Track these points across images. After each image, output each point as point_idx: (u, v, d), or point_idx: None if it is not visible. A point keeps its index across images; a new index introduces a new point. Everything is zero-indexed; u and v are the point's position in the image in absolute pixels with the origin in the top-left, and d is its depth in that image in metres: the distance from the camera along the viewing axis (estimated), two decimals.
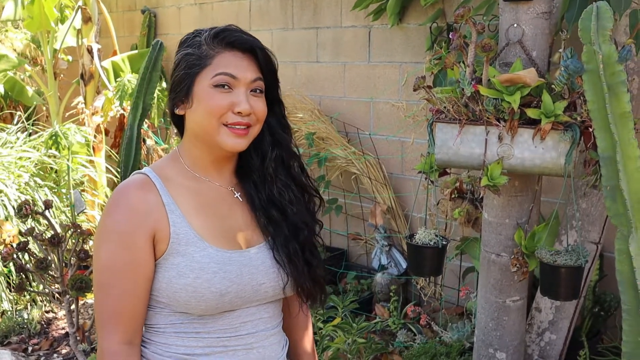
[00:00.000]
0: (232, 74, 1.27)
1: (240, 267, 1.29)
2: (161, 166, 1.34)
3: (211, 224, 1.30)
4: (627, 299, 1.81)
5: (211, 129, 1.27)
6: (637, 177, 1.71)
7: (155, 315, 1.30)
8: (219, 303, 1.26)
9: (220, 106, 1.26)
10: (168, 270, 1.26)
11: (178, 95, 1.30)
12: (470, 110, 1.91)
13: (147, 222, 1.25)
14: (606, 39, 1.65)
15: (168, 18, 5.18)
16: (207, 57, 1.28)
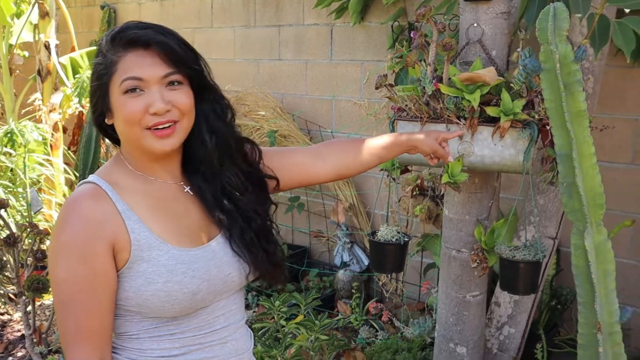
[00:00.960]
0: (137, 77, 1.21)
1: (207, 262, 1.27)
2: (107, 172, 1.29)
3: (169, 225, 1.27)
4: (583, 293, 1.85)
5: (135, 136, 1.24)
6: (592, 174, 1.75)
7: (125, 323, 1.27)
8: (192, 302, 1.24)
9: (134, 112, 1.21)
10: (134, 278, 1.22)
11: (98, 106, 1.26)
12: (431, 108, 1.93)
13: (103, 232, 1.20)
14: (563, 39, 1.69)
15: (128, 14, 5.10)
16: (112, 63, 1.22)
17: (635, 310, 2.86)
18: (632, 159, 2.82)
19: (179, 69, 1.24)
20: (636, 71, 2.75)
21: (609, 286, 1.81)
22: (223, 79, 4.45)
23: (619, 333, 1.82)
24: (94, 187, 1.24)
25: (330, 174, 1.53)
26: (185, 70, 1.25)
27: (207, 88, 1.32)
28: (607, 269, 1.80)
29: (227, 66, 4.40)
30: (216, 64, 4.48)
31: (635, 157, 2.81)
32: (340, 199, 3.64)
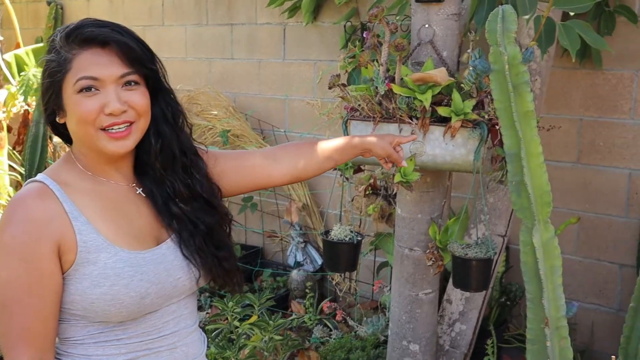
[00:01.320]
0: (93, 76, 1.17)
1: (156, 266, 1.24)
2: (57, 171, 1.25)
3: (119, 227, 1.24)
4: (531, 289, 1.89)
5: (88, 136, 1.20)
6: (540, 173, 1.79)
7: (70, 328, 1.23)
8: (140, 307, 1.22)
9: (89, 112, 1.18)
10: (80, 281, 1.18)
11: (50, 105, 1.22)
12: (383, 108, 1.95)
13: (49, 232, 1.16)
14: (511, 40, 1.72)
15: (76, 10, 4.99)
16: (65, 61, 1.18)
17: (581, 305, 2.94)
18: (578, 158, 2.90)
19: (136, 69, 1.22)
20: (580, 72, 2.83)
21: (556, 282, 1.85)
22: (175, 78, 4.38)
23: (565, 327, 1.87)
24: (40, 186, 1.20)
25: (285, 177, 1.52)
26: (142, 70, 1.23)
27: (161, 90, 1.30)
28: (554, 265, 1.85)
29: (179, 65, 4.35)
30: (168, 62, 4.40)
31: (581, 156, 2.89)
32: (293, 199, 3.64)
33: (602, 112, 2.81)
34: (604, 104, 2.80)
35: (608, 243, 2.88)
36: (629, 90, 2.73)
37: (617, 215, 2.84)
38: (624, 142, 2.77)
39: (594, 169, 2.87)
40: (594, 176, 2.87)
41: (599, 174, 2.86)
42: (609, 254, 2.89)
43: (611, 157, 2.82)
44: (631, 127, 2.75)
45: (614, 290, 2.90)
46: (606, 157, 2.83)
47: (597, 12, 2.66)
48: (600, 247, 2.91)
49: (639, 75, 2.71)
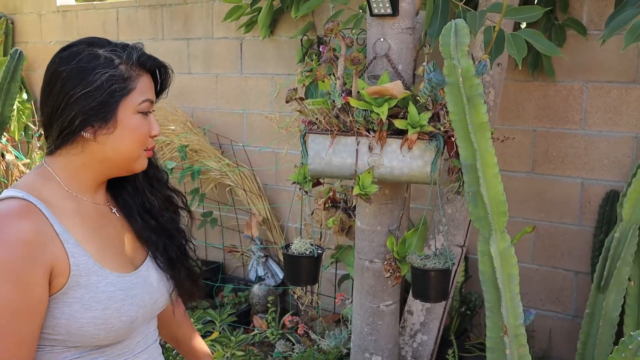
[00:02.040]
0: (152, 100, 1.26)
1: (142, 288, 1.26)
2: (36, 188, 1.19)
3: (105, 249, 1.23)
4: (490, 298, 1.91)
5: (134, 155, 1.25)
6: (495, 183, 1.82)
7: (44, 355, 1.17)
8: (128, 330, 1.22)
9: (146, 133, 1.24)
10: (69, 305, 1.15)
11: (92, 119, 1.18)
12: (341, 121, 1.96)
13: (43, 256, 1.11)
14: (464, 54, 1.75)
15: (27, 25, 4.90)
16: (130, 79, 1.21)
17: (538, 312, 2.99)
18: (532, 168, 2.96)
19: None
20: (533, 84, 2.90)
21: (513, 290, 1.88)
22: None
23: (523, 335, 1.89)
24: (26, 204, 1.14)
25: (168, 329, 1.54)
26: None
27: None
28: (511, 274, 1.87)
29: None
30: None
31: (535, 166, 2.95)
32: (253, 213, 3.62)
33: (555, 123, 2.88)
34: (556, 115, 2.87)
35: (563, 251, 2.94)
36: (579, 101, 2.81)
37: (571, 223, 2.91)
38: (576, 152, 2.85)
39: (547, 179, 2.93)
40: (548, 186, 2.94)
41: (552, 183, 2.92)
42: (564, 262, 2.95)
43: (564, 166, 2.89)
44: (582, 137, 2.82)
45: (569, 297, 2.96)
46: (559, 166, 2.90)
47: (548, 25, 2.73)
48: (556, 255, 2.97)
49: (588, 87, 2.78)
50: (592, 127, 2.80)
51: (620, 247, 2.38)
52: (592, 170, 2.82)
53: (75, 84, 1.18)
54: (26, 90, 4.76)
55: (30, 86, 4.89)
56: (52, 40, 4.75)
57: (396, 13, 1.98)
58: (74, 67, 1.18)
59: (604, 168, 2.80)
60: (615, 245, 2.40)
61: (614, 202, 2.72)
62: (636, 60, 2.67)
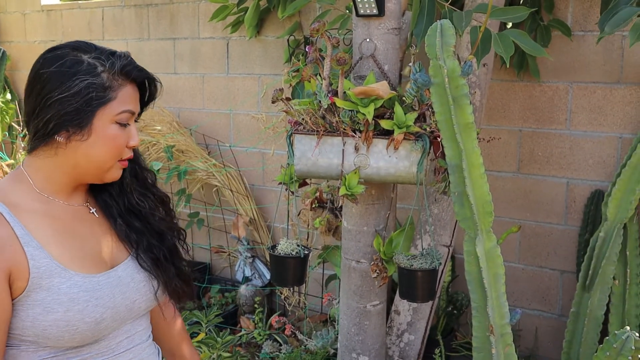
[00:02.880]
0: (132, 111, 1.24)
1: (112, 289, 1.24)
2: (4, 191, 1.20)
3: (73, 250, 1.22)
4: (476, 297, 1.92)
5: (107, 165, 1.24)
6: (481, 183, 1.83)
7: (20, 354, 1.18)
8: (94, 332, 1.20)
9: (121, 144, 1.24)
10: (32, 307, 1.15)
11: (67, 124, 1.18)
12: (327, 121, 1.96)
13: (1, 260, 1.12)
14: (450, 54, 1.76)
15: (11, 24, 4.85)
16: (110, 89, 1.20)
17: (524, 311, 3.01)
18: (518, 168, 2.97)
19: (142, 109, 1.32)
20: (519, 85, 2.91)
21: (499, 290, 1.89)
22: None
23: (509, 334, 1.90)
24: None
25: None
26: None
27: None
28: (497, 274, 1.88)
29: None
30: None
31: (521, 166, 2.97)
32: (240, 213, 3.61)
33: (540, 123, 2.89)
34: (542, 115, 2.88)
35: (549, 250, 2.96)
36: (564, 101, 2.83)
37: (556, 223, 2.92)
38: (561, 152, 2.86)
39: (533, 179, 2.95)
40: (533, 185, 2.95)
41: (538, 183, 2.94)
42: (550, 261, 2.97)
43: (549, 166, 2.90)
44: (567, 137, 2.84)
45: (555, 296, 2.98)
46: (545, 166, 2.91)
47: (533, 26, 2.75)
48: (542, 254, 2.98)
49: (573, 87, 2.80)
50: (577, 127, 2.82)
51: (605, 246, 2.40)
52: (577, 170, 2.84)
53: (54, 88, 1.18)
54: (10, 90, 4.72)
55: (14, 86, 4.85)
56: (36, 39, 4.72)
57: (382, 13, 1.98)
58: (55, 71, 1.19)
59: (588, 168, 2.82)
60: (600, 244, 2.42)
61: (598, 201, 2.74)
62: (620, 60, 2.69)
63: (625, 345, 1.66)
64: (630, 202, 2.34)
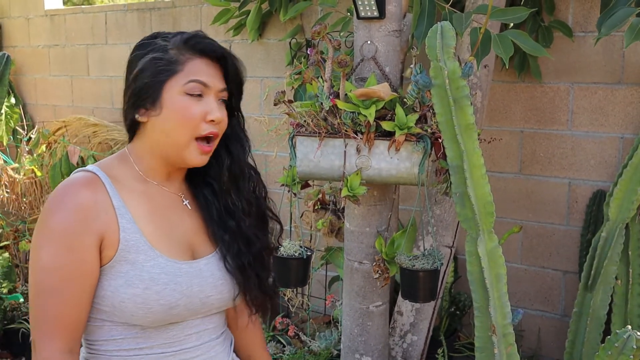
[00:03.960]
0: (204, 82, 1.23)
1: (191, 279, 1.25)
2: (109, 165, 1.26)
3: (162, 232, 1.25)
4: (478, 298, 1.93)
5: (181, 141, 1.24)
6: (482, 184, 1.83)
7: (96, 330, 1.23)
8: (166, 315, 1.22)
9: (194, 115, 1.22)
10: (115, 278, 1.19)
11: (142, 101, 1.24)
12: (329, 123, 1.97)
13: (95, 224, 1.17)
14: (450, 55, 1.77)
15: (15, 29, 4.88)
16: (177, 62, 1.23)
17: (527, 311, 3.01)
18: (520, 169, 2.98)
19: (229, 88, 1.30)
20: (520, 86, 2.92)
21: (501, 290, 1.90)
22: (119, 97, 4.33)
23: (511, 334, 1.91)
24: (91, 176, 1.21)
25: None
26: (234, 90, 1.31)
27: (236, 112, 1.37)
28: (499, 274, 1.89)
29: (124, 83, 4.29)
30: (112, 81, 4.36)
31: (522, 167, 2.97)
32: None
33: (542, 124, 2.90)
34: (543, 116, 2.89)
35: (551, 251, 2.97)
36: (565, 102, 2.83)
37: (559, 223, 2.93)
38: (563, 152, 2.87)
39: (535, 179, 2.95)
40: (535, 186, 2.96)
41: (540, 184, 2.95)
42: (553, 261, 2.97)
43: (551, 167, 2.91)
44: (569, 138, 2.85)
45: (558, 297, 2.98)
46: (546, 167, 2.92)
47: (534, 27, 2.76)
48: (544, 254, 2.99)
49: (574, 88, 2.81)
50: (578, 128, 2.83)
51: (607, 246, 2.40)
52: (579, 170, 2.85)
53: (130, 71, 1.26)
54: (14, 94, 4.75)
55: (18, 90, 4.88)
56: (40, 44, 4.74)
57: (383, 16, 1.99)
58: (135, 55, 1.27)
59: (590, 168, 2.83)
60: (602, 244, 2.42)
61: (600, 202, 2.74)
62: (621, 61, 2.70)
63: (626, 344, 1.67)
64: (632, 202, 2.35)
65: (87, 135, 4.11)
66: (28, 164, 4.07)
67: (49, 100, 4.78)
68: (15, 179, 4.12)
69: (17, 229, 3.98)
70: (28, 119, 4.80)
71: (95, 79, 4.47)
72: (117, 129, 4.06)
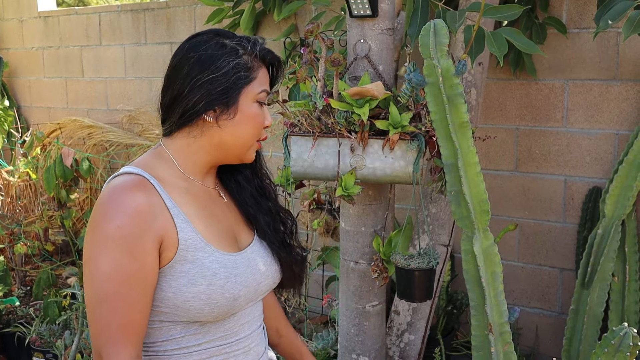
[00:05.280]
0: (268, 91, 1.31)
1: (246, 268, 1.29)
2: (150, 165, 1.26)
3: (212, 227, 1.28)
4: (474, 296, 1.92)
5: (248, 144, 1.30)
6: (477, 182, 1.83)
7: (153, 332, 1.23)
8: (230, 308, 1.25)
9: (262, 123, 1.30)
10: (176, 278, 1.20)
11: (217, 103, 1.25)
12: (322, 123, 1.96)
13: (153, 227, 1.17)
14: (444, 53, 1.76)
15: (9, 31, 4.86)
16: (252, 69, 1.27)
17: (524, 309, 3.01)
18: (515, 166, 2.97)
19: None
20: (515, 83, 2.91)
21: (497, 288, 1.89)
22: (114, 98, 4.33)
23: (508, 333, 1.90)
24: (140, 178, 1.21)
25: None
26: None
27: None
28: (495, 272, 1.88)
29: (119, 85, 4.28)
30: (107, 82, 4.35)
31: (518, 164, 2.97)
32: None
33: (537, 121, 2.89)
34: (538, 113, 2.88)
35: (548, 248, 2.96)
36: (560, 99, 2.83)
37: (555, 220, 2.93)
38: (559, 149, 2.86)
39: (531, 177, 2.95)
40: (531, 183, 2.95)
41: (536, 181, 2.94)
42: (549, 259, 2.97)
43: (547, 164, 2.90)
44: (564, 135, 2.84)
45: (555, 294, 2.98)
46: (542, 164, 2.91)
47: (528, 24, 2.75)
48: (541, 252, 2.98)
49: (569, 85, 2.80)
50: (573, 125, 2.82)
51: (603, 243, 2.40)
52: (575, 167, 2.84)
53: (203, 69, 1.24)
54: (8, 96, 4.73)
55: (12, 93, 4.86)
56: (33, 46, 4.73)
57: (376, 14, 1.98)
58: (203, 54, 1.25)
59: (586, 165, 2.82)
60: (598, 241, 2.42)
61: (596, 198, 2.74)
62: (616, 57, 2.70)
63: (623, 341, 1.66)
64: (628, 198, 2.34)
65: (82, 137, 4.10)
66: (23, 166, 4.06)
67: (44, 102, 4.76)
68: (10, 182, 4.11)
69: (12, 232, 3.96)
70: (22, 121, 4.78)
71: (90, 81, 4.46)
72: (112, 130, 4.05)
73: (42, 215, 3.94)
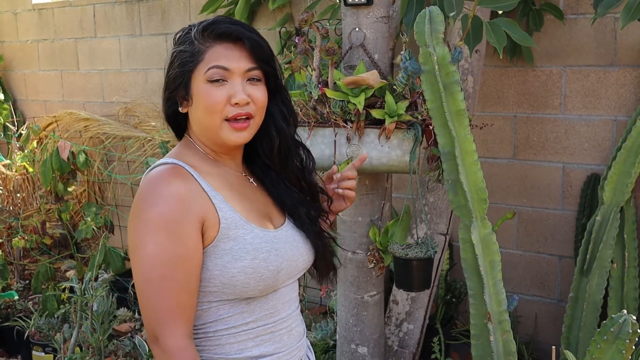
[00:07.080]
0: (223, 66, 1.26)
1: (285, 244, 1.33)
2: (182, 155, 1.31)
3: (247, 208, 1.31)
4: (472, 285, 1.92)
5: (213, 125, 1.28)
6: (474, 170, 1.82)
7: (202, 314, 1.28)
8: (275, 281, 1.29)
9: (217, 101, 1.26)
10: (220, 256, 1.24)
11: (177, 93, 1.29)
12: (318, 112, 1.95)
13: (194, 210, 1.22)
14: (439, 41, 1.75)
15: (3, 24, 4.83)
16: (199, 52, 1.27)
17: (523, 297, 3.00)
18: (514, 154, 2.96)
19: (260, 66, 1.30)
20: (512, 70, 2.89)
21: (496, 277, 1.89)
22: (110, 90, 4.30)
23: (507, 321, 1.90)
24: (176, 167, 1.26)
25: None
26: (265, 67, 1.31)
27: (278, 89, 1.38)
28: (493, 261, 1.88)
29: (114, 77, 4.26)
30: (102, 74, 4.32)
31: (516, 152, 2.95)
32: None
33: (535, 109, 2.88)
34: (536, 100, 2.87)
35: (547, 235, 2.95)
36: (558, 86, 2.81)
37: (553, 208, 2.92)
38: (557, 136, 2.85)
39: (529, 164, 2.94)
40: (529, 171, 2.94)
41: (534, 168, 2.93)
42: (548, 246, 2.96)
43: (545, 151, 2.89)
44: (562, 122, 2.83)
45: (554, 282, 2.97)
46: (540, 152, 2.90)
47: (525, 10, 2.73)
48: (539, 239, 2.97)
49: (567, 71, 2.79)
50: (571, 112, 2.81)
51: (602, 230, 2.39)
52: (573, 154, 2.83)
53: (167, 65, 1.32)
54: (4, 90, 4.71)
55: (7, 86, 4.84)
56: (28, 39, 4.70)
57: (370, 2, 1.97)
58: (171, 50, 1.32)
59: (584, 152, 2.81)
60: (597, 228, 2.41)
61: (595, 185, 2.73)
62: (613, 43, 2.68)
63: (622, 328, 1.65)
64: (627, 185, 2.33)
65: (79, 130, 4.08)
66: (19, 160, 4.04)
67: (40, 95, 4.74)
68: (7, 176, 4.09)
69: (11, 225, 3.95)
70: (19, 115, 4.76)
71: (85, 73, 4.43)
72: (109, 123, 4.03)
73: (39, 208, 3.93)
